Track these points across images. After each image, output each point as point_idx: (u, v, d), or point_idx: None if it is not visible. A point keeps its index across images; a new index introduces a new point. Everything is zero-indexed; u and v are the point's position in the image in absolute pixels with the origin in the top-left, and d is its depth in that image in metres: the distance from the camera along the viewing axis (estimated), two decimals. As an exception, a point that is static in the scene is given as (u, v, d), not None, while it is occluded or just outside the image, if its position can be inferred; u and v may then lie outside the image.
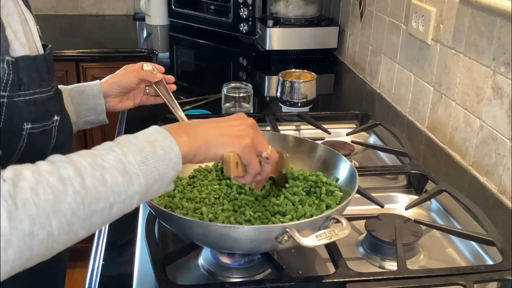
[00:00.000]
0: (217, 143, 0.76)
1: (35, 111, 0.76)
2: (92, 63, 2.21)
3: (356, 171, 0.94)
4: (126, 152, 0.66)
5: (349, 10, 2.06)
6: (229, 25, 2.30)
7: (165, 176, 0.69)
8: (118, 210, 0.65)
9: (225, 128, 0.78)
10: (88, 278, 0.88)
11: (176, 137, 0.71)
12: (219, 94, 1.51)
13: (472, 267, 0.88)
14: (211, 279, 0.89)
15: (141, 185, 0.66)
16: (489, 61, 1.17)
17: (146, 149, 0.68)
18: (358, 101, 1.80)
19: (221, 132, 0.77)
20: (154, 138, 0.70)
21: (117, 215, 0.66)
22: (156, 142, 0.69)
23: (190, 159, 0.73)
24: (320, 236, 0.75)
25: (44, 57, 0.79)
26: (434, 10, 1.39)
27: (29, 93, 0.75)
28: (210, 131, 0.76)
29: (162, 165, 0.68)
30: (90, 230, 0.64)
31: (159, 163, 0.68)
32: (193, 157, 0.73)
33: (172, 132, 0.72)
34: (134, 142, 0.68)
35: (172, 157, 0.70)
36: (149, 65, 1.17)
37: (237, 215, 0.88)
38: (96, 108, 1.10)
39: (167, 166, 0.69)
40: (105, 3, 2.81)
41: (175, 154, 0.70)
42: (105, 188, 0.63)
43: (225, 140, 0.76)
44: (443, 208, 1.09)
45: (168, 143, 0.70)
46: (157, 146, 0.69)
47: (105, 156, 0.65)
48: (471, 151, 1.25)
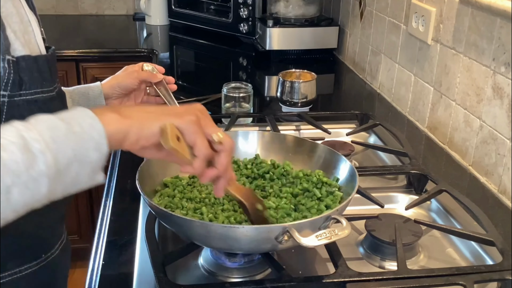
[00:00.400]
0: (153, 119, 0.65)
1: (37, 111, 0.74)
2: (92, 63, 2.21)
3: (356, 171, 0.94)
4: (30, 128, 0.57)
5: (349, 10, 2.06)
6: (229, 25, 2.30)
7: (84, 158, 0.59)
8: (18, 195, 0.55)
9: (165, 109, 0.69)
10: (88, 278, 0.88)
11: (101, 114, 0.62)
12: (219, 94, 1.51)
13: (472, 267, 0.88)
14: (211, 279, 0.88)
15: (49, 166, 0.56)
16: (489, 61, 1.17)
17: (58, 126, 0.58)
18: (358, 101, 1.80)
19: (159, 111, 0.67)
20: (72, 115, 0.61)
21: (18, 202, 0.56)
22: (73, 119, 0.60)
23: (119, 139, 0.63)
24: (320, 236, 0.75)
25: (46, 57, 0.79)
26: (434, 10, 1.39)
27: (30, 93, 0.75)
28: (145, 110, 0.67)
29: (79, 143, 0.59)
30: None
31: (75, 141, 0.59)
32: (124, 136, 0.63)
33: (96, 111, 0.63)
34: (45, 119, 0.59)
35: (93, 135, 0.60)
36: (149, 65, 1.17)
37: (237, 215, 0.88)
38: None
39: (86, 144, 0.59)
40: (105, 3, 2.81)
41: (97, 132, 0.60)
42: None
43: (163, 116, 0.66)
44: (443, 208, 1.09)
45: (89, 120, 0.61)
46: (74, 123, 0.60)
47: (3, 133, 0.56)
48: (471, 151, 1.25)
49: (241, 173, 1.01)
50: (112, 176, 1.19)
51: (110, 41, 2.49)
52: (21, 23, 0.76)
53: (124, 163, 1.22)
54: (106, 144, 0.61)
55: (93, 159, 0.60)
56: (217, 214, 0.88)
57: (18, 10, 0.76)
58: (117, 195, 1.11)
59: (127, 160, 1.23)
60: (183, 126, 0.66)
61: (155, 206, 0.83)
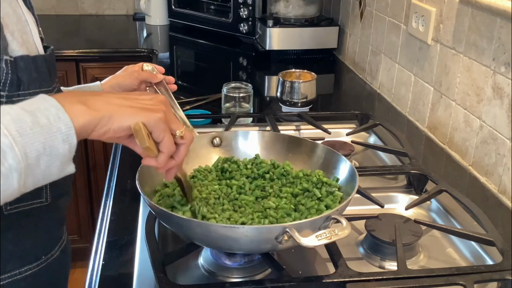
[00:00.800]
0: (123, 114, 0.66)
1: None
2: (92, 63, 2.21)
3: (356, 171, 0.94)
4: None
5: (349, 10, 2.06)
6: (229, 25, 2.30)
7: (53, 150, 0.59)
8: None
9: (132, 100, 0.69)
10: (88, 278, 0.88)
11: (67, 105, 0.61)
12: (219, 94, 1.51)
13: (472, 267, 0.88)
14: (211, 279, 0.88)
15: (18, 161, 0.56)
16: (489, 61, 1.17)
17: (24, 118, 0.58)
18: (358, 101, 1.80)
19: (127, 103, 0.67)
20: (36, 106, 0.60)
21: None
22: (38, 111, 0.59)
23: (88, 132, 0.63)
24: (320, 236, 0.75)
25: (44, 57, 0.79)
26: (434, 10, 1.39)
27: (29, 93, 0.74)
28: (113, 102, 0.67)
29: (47, 136, 0.59)
30: None
31: (42, 134, 0.58)
32: (93, 129, 0.64)
33: (61, 101, 0.62)
34: (8, 111, 0.58)
35: (60, 127, 0.60)
36: (149, 65, 1.16)
37: (237, 215, 0.88)
38: None
39: (54, 137, 0.59)
40: (105, 3, 2.81)
41: (64, 124, 0.60)
42: None
43: (132, 111, 0.67)
44: (443, 208, 1.09)
45: (54, 111, 0.60)
46: (39, 115, 0.59)
47: None
48: (471, 151, 1.25)
49: (241, 173, 1.01)
50: (112, 176, 1.19)
51: (110, 41, 2.49)
52: (18, 23, 0.76)
53: (124, 163, 1.22)
54: (75, 136, 0.61)
55: (63, 151, 0.60)
56: (217, 214, 0.88)
57: (15, 10, 0.76)
58: (117, 195, 1.11)
59: (127, 160, 1.23)
60: (152, 125, 0.68)
61: (155, 206, 0.83)
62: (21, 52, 0.74)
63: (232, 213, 0.89)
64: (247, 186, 0.97)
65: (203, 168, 1.03)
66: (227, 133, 1.14)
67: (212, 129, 1.38)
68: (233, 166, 1.02)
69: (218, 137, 1.08)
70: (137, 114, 0.67)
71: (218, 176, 1.01)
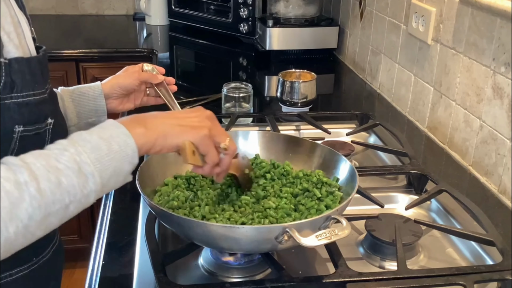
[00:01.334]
0: (174, 133, 0.77)
1: (28, 113, 0.75)
2: (92, 63, 2.21)
3: (356, 171, 0.94)
4: (80, 151, 0.67)
5: (349, 10, 2.06)
6: (229, 25, 2.30)
7: (121, 171, 0.70)
8: (74, 209, 0.67)
9: (182, 119, 0.79)
10: (88, 278, 0.88)
11: (132, 129, 0.72)
12: (219, 94, 1.51)
13: (472, 267, 0.88)
14: (211, 279, 0.89)
15: (97, 184, 0.67)
16: (489, 61, 1.17)
17: (101, 146, 0.68)
18: (358, 101, 1.80)
19: (178, 122, 0.78)
20: (110, 133, 0.70)
21: (73, 213, 0.68)
22: (112, 138, 0.70)
23: (147, 150, 0.74)
24: (320, 236, 0.75)
25: (38, 59, 0.78)
26: (434, 10, 1.39)
27: (22, 96, 0.74)
28: (167, 122, 0.77)
29: (117, 161, 0.69)
30: (47, 229, 0.65)
31: (115, 159, 0.69)
32: (150, 148, 0.74)
33: (128, 126, 0.72)
34: (88, 139, 0.69)
35: (128, 152, 0.70)
36: (149, 65, 1.16)
37: (237, 215, 0.88)
38: (97, 110, 1.10)
39: (123, 161, 0.70)
40: (105, 3, 2.81)
41: (131, 149, 0.71)
42: (60, 190, 0.64)
43: (182, 130, 0.77)
44: (443, 208, 1.09)
45: (124, 138, 0.71)
46: (113, 142, 0.69)
47: (59, 157, 0.65)
48: (471, 151, 1.25)
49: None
50: (112, 176, 1.19)
51: (110, 41, 2.49)
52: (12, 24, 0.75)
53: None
54: (137, 158, 0.72)
55: (127, 170, 0.72)
56: (217, 214, 0.88)
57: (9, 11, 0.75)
58: (117, 195, 1.11)
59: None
60: (198, 142, 0.78)
61: (155, 206, 0.83)
62: (16, 54, 0.74)
63: (232, 213, 0.89)
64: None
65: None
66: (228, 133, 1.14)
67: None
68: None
69: None
70: (186, 133, 0.77)
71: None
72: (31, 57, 0.77)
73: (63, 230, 0.85)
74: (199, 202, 0.92)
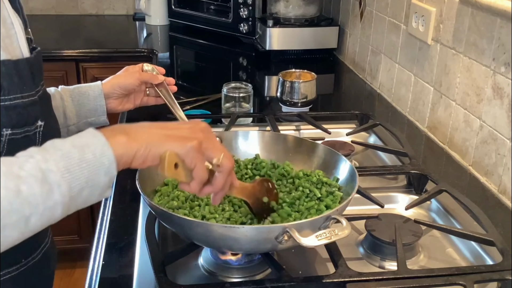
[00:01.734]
0: (159, 143, 0.69)
1: (15, 116, 0.74)
2: (92, 63, 2.21)
3: (356, 171, 0.94)
4: (47, 158, 0.61)
5: (349, 10, 2.06)
6: (229, 25, 2.30)
7: (95, 183, 0.64)
8: (37, 221, 0.60)
9: (171, 130, 0.72)
10: (88, 278, 0.88)
11: (111, 138, 0.66)
12: (219, 94, 1.51)
13: (472, 267, 0.88)
14: (211, 279, 0.89)
15: (64, 195, 0.61)
16: (489, 61, 1.17)
17: (72, 154, 0.62)
18: (358, 101, 1.80)
19: (165, 132, 0.71)
20: (85, 142, 0.65)
21: (37, 226, 0.61)
22: (87, 147, 0.64)
23: (127, 161, 0.67)
24: (320, 236, 0.75)
25: (28, 61, 0.77)
26: (434, 10, 1.39)
27: (9, 99, 0.73)
28: (153, 131, 0.70)
29: (91, 171, 0.63)
30: (5, 243, 0.59)
31: (88, 169, 0.63)
32: (131, 159, 0.67)
33: (107, 134, 0.66)
34: (59, 147, 0.63)
35: (104, 162, 0.64)
36: (149, 66, 1.16)
37: (237, 215, 0.88)
38: (97, 110, 1.10)
39: (97, 171, 0.64)
40: (105, 3, 2.81)
41: (107, 159, 0.64)
42: (20, 200, 0.58)
43: (168, 140, 0.70)
44: (443, 208, 1.09)
45: (101, 147, 0.65)
46: (87, 151, 0.63)
47: (23, 163, 0.60)
48: (471, 151, 1.25)
49: (241, 174, 1.01)
50: (112, 176, 1.19)
51: (110, 41, 2.49)
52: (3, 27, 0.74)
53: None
54: (115, 170, 0.66)
55: (103, 183, 0.65)
56: (217, 214, 0.88)
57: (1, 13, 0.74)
58: (117, 195, 1.11)
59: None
60: (183, 153, 0.70)
61: (155, 206, 0.83)
62: (4, 56, 0.72)
63: (232, 213, 0.89)
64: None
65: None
66: (227, 133, 1.14)
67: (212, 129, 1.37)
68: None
69: (218, 137, 1.08)
70: (170, 142, 0.70)
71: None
72: (19, 59, 0.75)
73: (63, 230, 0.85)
74: (199, 202, 0.92)
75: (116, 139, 0.66)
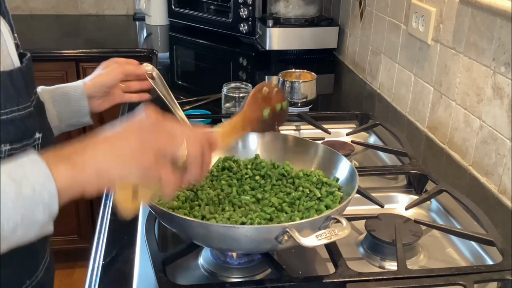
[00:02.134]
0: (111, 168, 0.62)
1: (14, 130, 0.70)
2: (92, 63, 2.21)
3: (356, 171, 0.94)
4: None
5: (349, 10, 2.06)
6: (229, 25, 2.30)
7: (32, 220, 0.57)
8: None
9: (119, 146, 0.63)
10: (88, 278, 0.88)
11: (54, 167, 0.58)
12: (219, 94, 1.51)
13: (472, 267, 0.88)
14: (211, 279, 0.89)
15: None
16: (489, 61, 1.17)
17: (8, 191, 0.55)
18: (358, 101, 1.80)
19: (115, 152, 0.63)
20: (24, 173, 0.57)
21: None
22: (25, 179, 0.57)
23: (74, 195, 0.61)
24: (320, 236, 0.75)
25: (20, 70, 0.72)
26: (434, 10, 1.39)
27: (6, 112, 0.68)
28: (100, 154, 0.62)
29: (27, 207, 0.56)
30: None
31: (24, 206, 0.56)
32: (80, 191, 0.61)
33: (50, 161, 0.59)
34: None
35: (44, 198, 0.57)
36: (149, 65, 1.16)
37: (237, 215, 0.88)
38: (80, 111, 1.05)
39: (34, 208, 0.57)
40: (105, 3, 2.81)
41: (48, 193, 0.57)
42: None
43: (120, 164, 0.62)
44: (443, 208, 1.09)
45: (42, 180, 0.57)
46: (25, 185, 0.56)
47: None
48: (471, 151, 1.25)
49: (241, 174, 1.01)
50: (112, 176, 1.19)
51: (110, 41, 2.49)
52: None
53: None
54: (57, 205, 0.59)
55: (42, 220, 0.58)
56: (217, 214, 0.88)
57: None
58: (117, 195, 1.11)
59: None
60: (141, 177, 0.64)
61: (155, 206, 0.83)
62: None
63: (232, 213, 0.89)
64: (247, 186, 0.97)
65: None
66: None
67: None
68: (233, 166, 1.02)
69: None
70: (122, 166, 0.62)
71: (218, 176, 1.01)
72: (13, 69, 0.71)
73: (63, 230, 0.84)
74: (199, 202, 0.92)
75: (60, 169, 0.59)
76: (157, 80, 1.16)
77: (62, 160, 0.60)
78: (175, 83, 2.00)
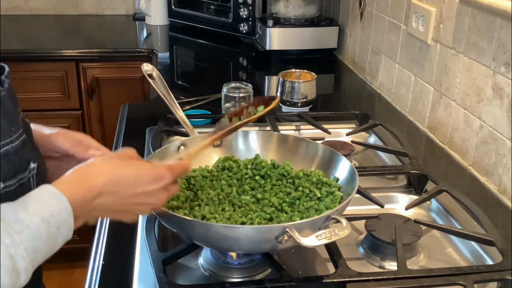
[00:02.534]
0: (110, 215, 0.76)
1: (6, 167, 0.64)
2: (92, 63, 2.21)
3: (356, 171, 0.94)
4: (17, 243, 0.57)
5: (349, 10, 2.06)
6: (229, 25, 2.30)
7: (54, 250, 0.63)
8: None
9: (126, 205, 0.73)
10: (88, 278, 0.88)
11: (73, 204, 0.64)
12: (219, 94, 1.51)
13: (472, 267, 0.88)
14: (211, 279, 0.89)
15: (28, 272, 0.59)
16: (489, 61, 1.17)
17: (41, 232, 0.60)
18: (358, 101, 1.80)
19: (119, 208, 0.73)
20: (51, 211, 0.61)
21: None
22: (52, 217, 0.61)
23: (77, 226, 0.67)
24: (320, 236, 0.75)
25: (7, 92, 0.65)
26: (434, 10, 1.39)
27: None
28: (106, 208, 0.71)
29: (53, 244, 0.62)
30: None
31: (51, 243, 0.61)
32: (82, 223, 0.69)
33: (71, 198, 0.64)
34: (27, 222, 0.59)
35: (64, 232, 0.63)
36: (149, 65, 1.16)
37: (237, 215, 0.88)
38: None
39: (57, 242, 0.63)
40: (105, 3, 2.81)
41: (67, 228, 0.63)
42: None
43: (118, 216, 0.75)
44: (443, 208, 1.09)
45: (65, 216, 0.63)
46: (52, 223, 0.61)
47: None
48: (471, 151, 1.25)
49: (241, 174, 1.01)
50: (112, 176, 1.19)
51: (110, 41, 2.49)
52: None
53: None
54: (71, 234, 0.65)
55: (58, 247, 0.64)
56: (217, 214, 0.88)
57: None
58: (117, 195, 1.10)
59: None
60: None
61: (155, 206, 0.83)
62: None
63: (232, 213, 0.89)
64: (247, 186, 0.97)
65: (203, 168, 1.03)
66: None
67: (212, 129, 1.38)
68: (233, 165, 1.02)
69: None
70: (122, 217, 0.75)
71: (219, 176, 1.01)
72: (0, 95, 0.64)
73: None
74: (199, 202, 0.92)
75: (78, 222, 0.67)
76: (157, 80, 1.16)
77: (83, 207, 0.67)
78: (175, 83, 2.00)
